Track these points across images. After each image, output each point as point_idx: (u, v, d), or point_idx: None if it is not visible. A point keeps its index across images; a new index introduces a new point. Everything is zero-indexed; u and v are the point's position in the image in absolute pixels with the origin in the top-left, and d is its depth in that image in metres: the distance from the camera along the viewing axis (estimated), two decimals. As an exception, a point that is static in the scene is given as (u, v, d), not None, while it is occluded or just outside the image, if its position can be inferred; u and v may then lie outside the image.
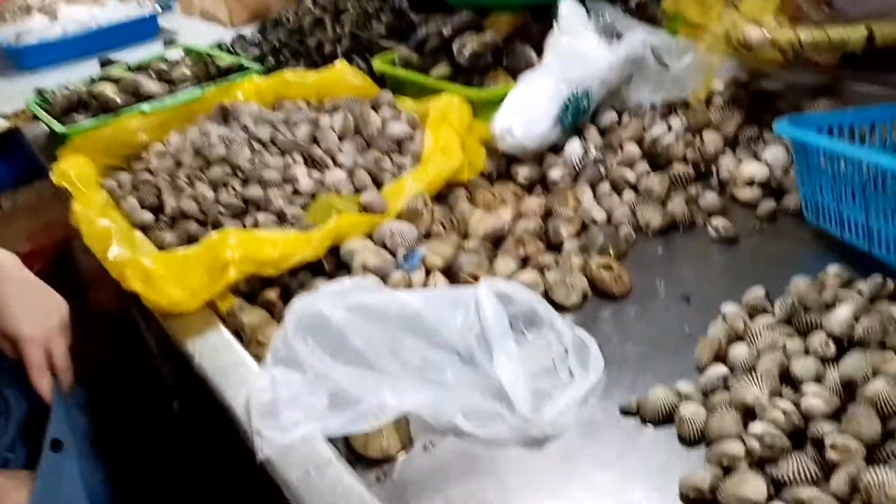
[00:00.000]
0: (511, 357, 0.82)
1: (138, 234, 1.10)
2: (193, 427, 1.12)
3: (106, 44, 2.19)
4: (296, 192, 1.13)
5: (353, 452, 0.76)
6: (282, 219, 1.09)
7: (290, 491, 0.68)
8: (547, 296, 0.94)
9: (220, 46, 1.88)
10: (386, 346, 0.83)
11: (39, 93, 1.66)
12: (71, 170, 1.21)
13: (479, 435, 0.77)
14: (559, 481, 0.72)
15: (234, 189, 1.15)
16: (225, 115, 1.35)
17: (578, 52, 1.24)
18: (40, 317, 0.92)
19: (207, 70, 1.61)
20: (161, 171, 1.23)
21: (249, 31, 1.99)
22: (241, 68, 1.58)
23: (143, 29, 2.30)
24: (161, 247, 1.08)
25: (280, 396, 0.77)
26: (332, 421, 0.75)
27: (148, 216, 1.16)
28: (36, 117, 1.58)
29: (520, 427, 0.76)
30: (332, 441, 0.75)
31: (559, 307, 0.92)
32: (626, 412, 0.77)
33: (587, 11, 1.29)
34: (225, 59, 1.66)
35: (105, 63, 1.91)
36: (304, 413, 0.76)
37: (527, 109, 1.15)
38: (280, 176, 1.14)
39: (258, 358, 0.87)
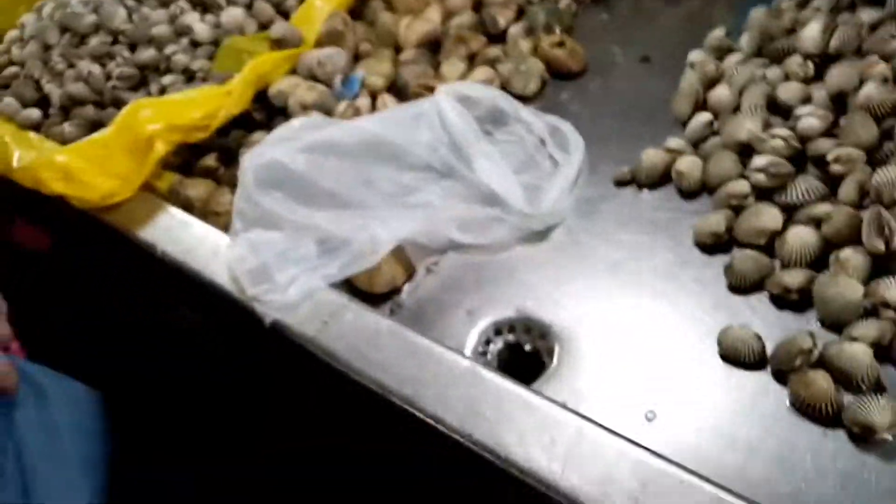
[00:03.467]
0: (492, 158, 0.77)
1: (33, 135, 0.96)
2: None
3: None
4: (194, 43, 0.99)
5: (359, 293, 0.72)
6: (190, 77, 0.96)
7: (313, 345, 0.64)
8: (504, 89, 0.88)
9: None
10: (358, 180, 0.77)
11: None
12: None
13: (480, 243, 0.74)
14: (571, 265, 0.71)
15: (122, 57, 1.00)
16: (79, -23, 1.14)
17: None
18: None
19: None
20: (29, 59, 1.06)
21: None
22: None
23: None
24: (65, 142, 0.94)
25: (265, 258, 0.71)
26: (329, 268, 0.70)
27: (35, 113, 1.01)
28: None
29: (520, 224, 0.74)
30: (334, 287, 0.71)
31: (519, 98, 0.87)
32: (620, 183, 0.75)
33: None
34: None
35: None
36: (297, 268, 0.70)
37: None
38: (170, 29, 0.99)
39: (224, 229, 0.79)
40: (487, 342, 0.68)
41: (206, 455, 1.03)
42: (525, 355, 0.67)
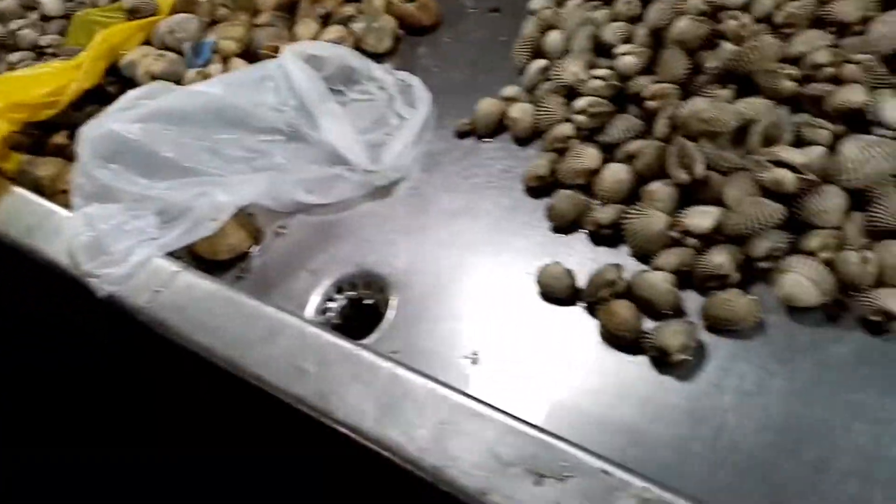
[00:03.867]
0: (336, 117, 0.77)
1: None
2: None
3: None
4: (45, 17, 0.96)
5: (204, 261, 0.72)
6: (40, 53, 0.93)
7: (145, 315, 0.64)
8: (358, 48, 0.87)
9: None
10: (201, 147, 0.76)
11: None
12: None
13: (325, 202, 0.74)
14: (414, 217, 0.71)
15: (-30, 36, 0.96)
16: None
17: None
18: None
19: None
20: None
21: None
22: None
23: None
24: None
25: (101, 231, 0.70)
26: (168, 237, 0.70)
27: None
28: None
29: (363, 181, 0.74)
30: (177, 258, 0.70)
31: (374, 56, 0.87)
32: (461, 134, 0.76)
33: None
34: None
35: None
36: (133, 239, 0.70)
37: None
38: (17, 3, 0.96)
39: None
40: (330, 300, 0.68)
41: (98, 440, 1.03)
42: (366, 309, 0.67)
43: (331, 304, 0.68)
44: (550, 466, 0.48)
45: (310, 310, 0.67)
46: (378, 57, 0.87)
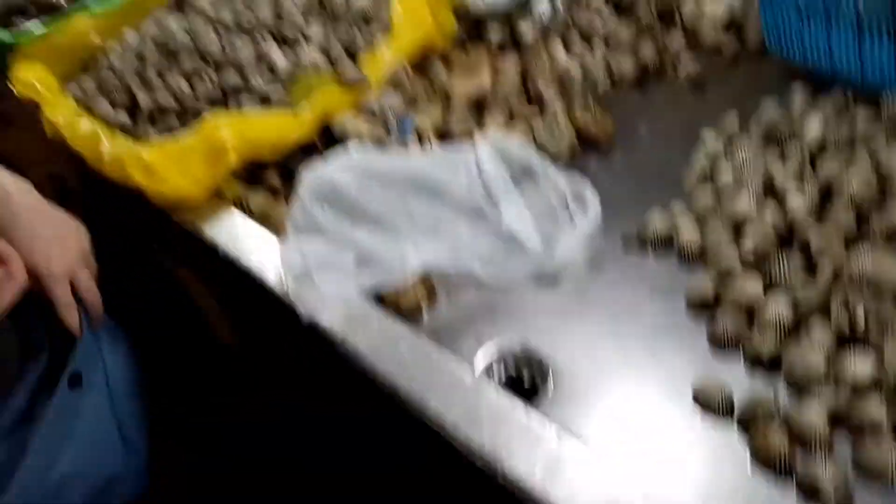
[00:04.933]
0: (518, 206, 0.87)
1: (121, 136, 1.09)
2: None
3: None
4: (272, 72, 1.12)
5: (386, 309, 0.82)
6: (265, 102, 1.08)
7: (342, 345, 0.74)
8: (537, 148, 0.98)
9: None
10: (399, 208, 0.87)
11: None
12: (32, 79, 1.16)
13: (497, 279, 0.83)
14: (574, 310, 0.79)
15: (209, 78, 1.13)
16: (179, 5, 1.30)
17: None
18: (61, 248, 0.84)
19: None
20: (126, 70, 1.20)
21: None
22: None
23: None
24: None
25: (310, 262, 0.81)
26: (363, 279, 0.80)
27: (125, 117, 1.14)
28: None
29: (534, 266, 0.83)
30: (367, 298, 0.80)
31: (550, 158, 0.97)
32: (628, 243, 0.84)
33: None
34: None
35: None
36: (335, 275, 0.81)
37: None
38: (253, 58, 1.12)
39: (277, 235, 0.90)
40: (490, 369, 0.76)
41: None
42: (521, 386, 0.75)
43: (491, 374, 0.76)
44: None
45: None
46: (553, 160, 0.98)
